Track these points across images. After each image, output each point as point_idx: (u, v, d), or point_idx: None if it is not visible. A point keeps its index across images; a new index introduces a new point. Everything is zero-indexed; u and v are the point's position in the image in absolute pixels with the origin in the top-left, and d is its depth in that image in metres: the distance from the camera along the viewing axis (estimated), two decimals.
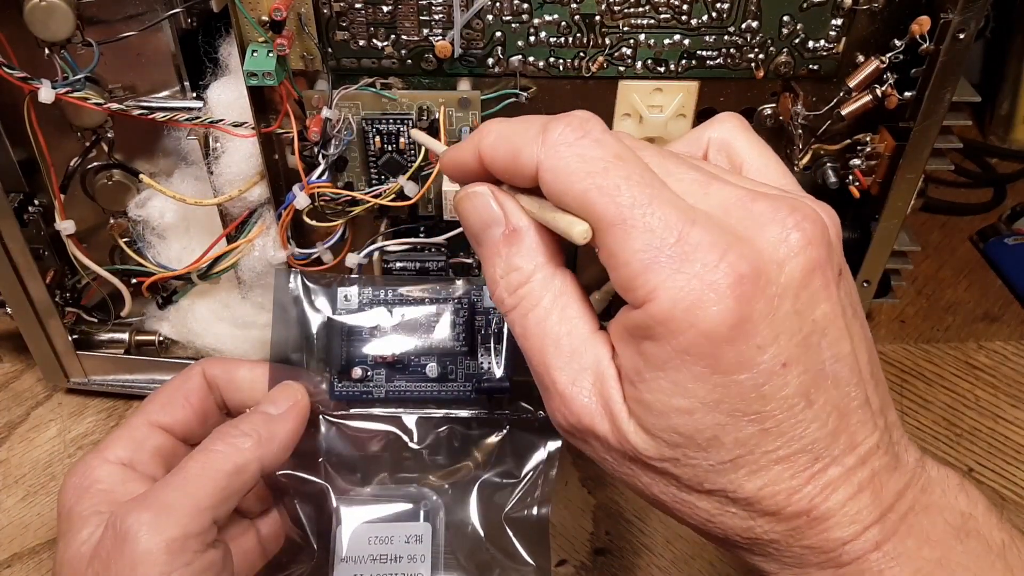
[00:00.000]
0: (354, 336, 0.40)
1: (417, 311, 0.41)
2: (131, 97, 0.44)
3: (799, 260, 0.25)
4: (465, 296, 0.41)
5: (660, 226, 0.25)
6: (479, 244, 0.30)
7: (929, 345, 0.60)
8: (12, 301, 0.50)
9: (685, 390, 0.25)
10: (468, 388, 0.41)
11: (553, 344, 0.28)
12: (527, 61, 0.42)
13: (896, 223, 0.45)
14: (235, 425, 0.37)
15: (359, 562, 0.39)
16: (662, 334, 0.25)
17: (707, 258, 0.25)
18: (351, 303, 0.41)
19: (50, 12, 0.40)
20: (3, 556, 0.47)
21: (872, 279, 0.48)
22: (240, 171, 0.44)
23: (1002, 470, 0.52)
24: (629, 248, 0.25)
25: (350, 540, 0.39)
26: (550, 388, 0.28)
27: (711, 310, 0.24)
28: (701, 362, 0.25)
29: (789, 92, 0.44)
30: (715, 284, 0.24)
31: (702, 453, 0.26)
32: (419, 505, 0.40)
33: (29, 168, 0.47)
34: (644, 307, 0.25)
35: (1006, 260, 0.67)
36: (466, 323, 0.41)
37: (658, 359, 0.25)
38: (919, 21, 0.39)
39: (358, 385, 0.41)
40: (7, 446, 0.53)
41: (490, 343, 0.41)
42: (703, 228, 0.25)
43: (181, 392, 0.40)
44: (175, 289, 0.52)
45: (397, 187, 0.44)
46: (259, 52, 0.39)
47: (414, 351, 0.41)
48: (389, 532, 0.39)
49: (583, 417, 0.28)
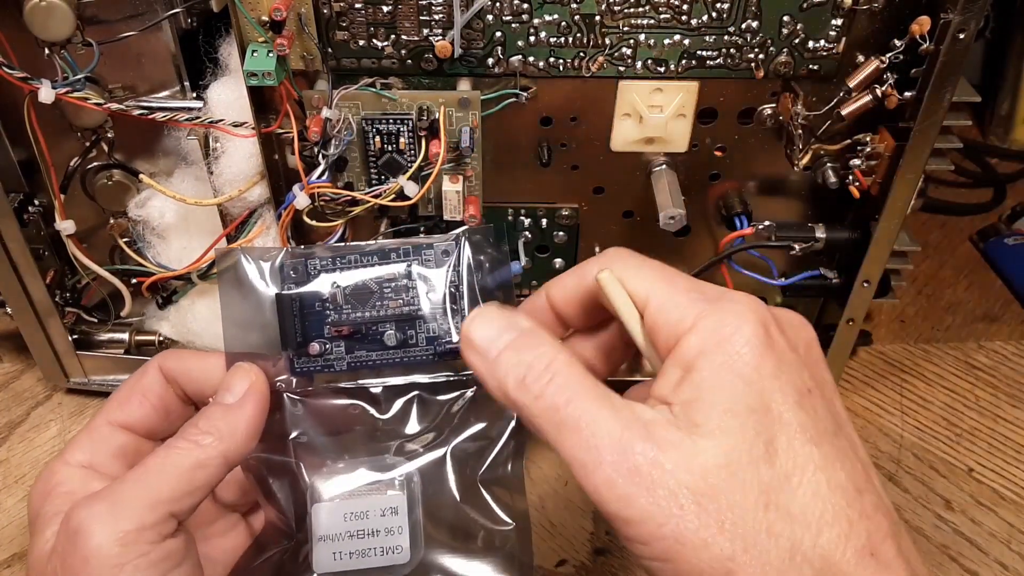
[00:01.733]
0: (306, 310, 0.39)
1: (369, 278, 0.39)
2: (131, 97, 0.44)
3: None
4: (416, 258, 0.39)
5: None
6: (486, 359, 0.33)
7: (929, 345, 0.60)
8: (12, 301, 0.50)
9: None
10: (430, 352, 0.39)
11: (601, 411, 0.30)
12: (527, 61, 0.42)
13: (896, 223, 0.45)
14: (195, 423, 0.36)
15: (337, 539, 0.38)
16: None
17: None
18: (299, 275, 0.39)
19: (50, 12, 0.40)
20: (3, 556, 0.47)
21: (872, 279, 0.48)
22: (240, 171, 0.44)
23: (1002, 470, 0.52)
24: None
25: (326, 518, 0.38)
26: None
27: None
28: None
29: (789, 92, 0.44)
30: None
31: None
32: (393, 476, 0.39)
33: (29, 168, 0.47)
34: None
35: (1006, 260, 0.67)
36: (420, 285, 0.39)
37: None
38: (919, 21, 0.39)
39: (318, 360, 0.39)
40: (7, 446, 0.53)
41: (445, 305, 0.39)
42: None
43: (137, 389, 0.39)
44: (175, 289, 0.52)
45: (397, 187, 0.44)
46: (259, 52, 0.39)
47: (370, 319, 0.39)
48: (364, 507, 0.39)
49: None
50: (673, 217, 0.45)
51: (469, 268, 0.39)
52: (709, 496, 0.28)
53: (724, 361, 0.29)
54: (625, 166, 0.47)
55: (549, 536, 0.48)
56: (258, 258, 0.40)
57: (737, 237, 0.48)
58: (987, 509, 0.49)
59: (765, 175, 0.48)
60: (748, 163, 0.47)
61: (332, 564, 0.38)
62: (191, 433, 0.35)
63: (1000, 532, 0.48)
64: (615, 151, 0.46)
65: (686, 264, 0.51)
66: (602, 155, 0.46)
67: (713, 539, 0.27)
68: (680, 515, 0.28)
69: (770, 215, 0.48)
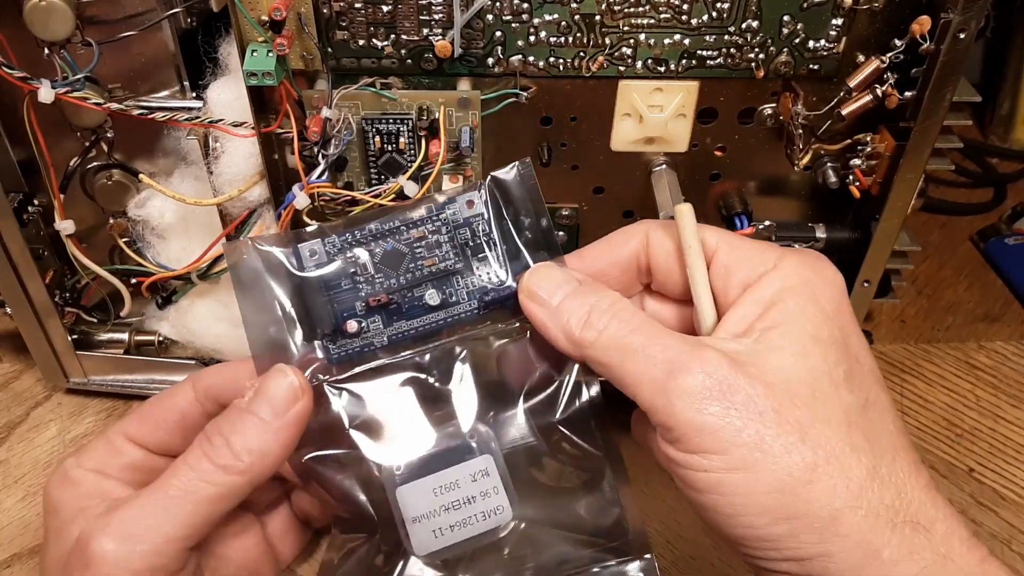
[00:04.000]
0: (334, 289, 0.37)
1: (395, 242, 0.37)
2: (131, 97, 0.44)
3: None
4: (439, 212, 0.38)
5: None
6: (548, 307, 0.34)
7: (929, 345, 0.60)
8: (12, 301, 0.50)
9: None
10: (474, 306, 0.37)
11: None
12: (527, 61, 0.42)
13: (896, 223, 0.45)
14: (225, 440, 0.33)
15: (433, 516, 0.36)
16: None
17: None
18: (319, 256, 0.37)
19: (50, 12, 0.40)
20: (3, 556, 0.47)
21: (872, 279, 0.48)
22: (240, 171, 0.44)
23: (1002, 470, 0.52)
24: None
25: (414, 498, 0.36)
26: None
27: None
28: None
29: (789, 92, 0.44)
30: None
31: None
32: (468, 440, 0.37)
33: (29, 168, 0.47)
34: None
35: (1006, 260, 0.67)
36: (451, 239, 0.38)
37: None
38: (919, 21, 0.39)
39: (356, 340, 0.37)
40: (7, 446, 0.53)
41: (484, 251, 0.38)
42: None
43: (160, 410, 0.38)
44: (175, 289, 0.52)
45: (397, 187, 0.44)
46: (259, 52, 0.39)
47: (408, 284, 0.37)
48: (452, 477, 0.36)
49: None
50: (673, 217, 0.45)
51: (498, 214, 0.38)
52: (791, 406, 0.28)
53: (810, 295, 0.30)
54: (625, 166, 0.47)
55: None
56: (270, 244, 0.37)
57: None
58: (988, 509, 0.49)
59: (765, 175, 0.48)
60: (748, 163, 0.47)
61: (434, 542, 0.36)
62: (221, 454, 0.33)
63: (1001, 532, 0.48)
64: (615, 151, 0.46)
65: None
66: (602, 155, 0.46)
67: (795, 447, 0.27)
68: (760, 421, 0.28)
69: (770, 215, 0.48)
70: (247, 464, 0.33)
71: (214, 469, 0.33)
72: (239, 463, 0.33)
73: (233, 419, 0.34)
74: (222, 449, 0.33)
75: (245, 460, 0.33)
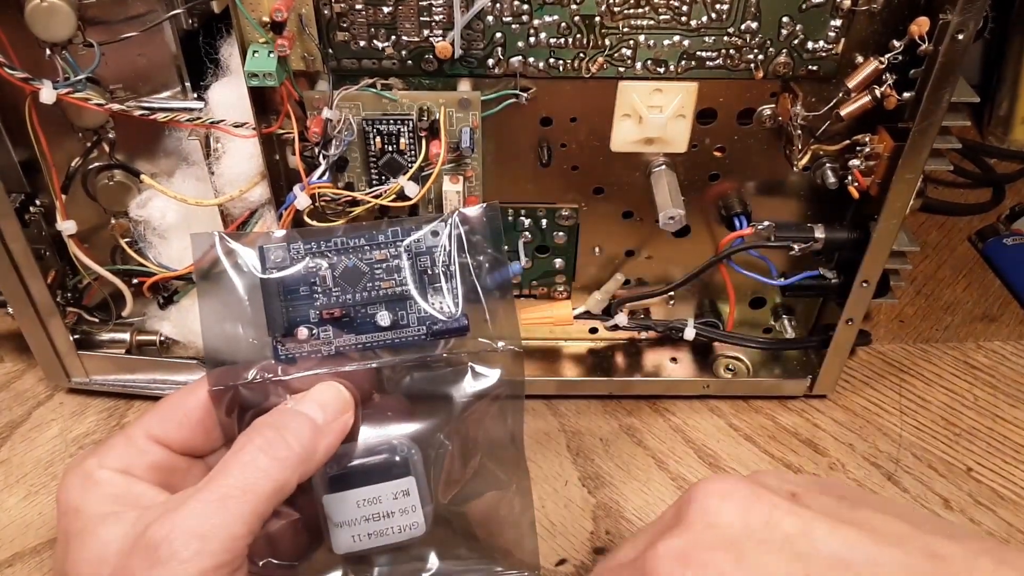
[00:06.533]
0: (292, 295, 0.38)
1: (360, 260, 0.38)
2: (132, 97, 0.44)
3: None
4: (405, 237, 0.39)
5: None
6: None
7: (928, 345, 0.60)
8: (14, 301, 0.50)
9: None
10: (422, 332, 0.39)
11: None
12: (527, 62, 0.42)
13: (895, 223, 0.45)
14: (280, 433, 0.34)
15: (353, 524, 0.38)
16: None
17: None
18: (281, 260, 0.38)
19: (51, 13, 0.40)
20: (5, 555, 0.47)
21: (871, 279, 0.48)
22: (241, 171, 0.45)
23: (1001, 469, 0.52)
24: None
25: (338, 506, 0.38)
26: None
27: None
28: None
29: (788, 93, 0.44)
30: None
31: None
32: (394, 458, 0.39)
33: (30, 168, 0.47)
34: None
35: (1005, 260, 0.67)
36: (411, 265, 0.39)
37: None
38: (918, 22, 0.40)
39: (304, 346, 0.38)
40: (8, 446, 0.53)
41: (439, 282, 0.39)
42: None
43: (181, 408, 0.38)
44: (176, 289, 0.52)
45: (397, 187, 0.44)
46: (260, 53, 0.39)
47: (361, 301, 0.38)
48: (376, 493, 0.38)
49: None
50: (673, 217, 0.45)
51: (459, 247, 0.39)
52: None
53: None
54: (625, 166, 0.47)
55: (549, 536, 0.48)
56: (237, 240, 0.38)
57: (736, 237, 0.48)
58: (986, 508, 0.50)
59: (764, 175, 0.48)
60: (747, 163, 0.47)
61: (352, 545, 0.38)
62: (277, 448, 0.34)
63: (999, 531, 0.48)
64: (615, 151, 0.46)
65: (686, 264, 0.51)
66: (602, 155, 0.46)
67: None
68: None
69: (769, 215, 0.48)
70: (298, 457, 0.34)
71: (270, 463, 0.33)
72: (292, 454, 0.34)
73: (285, 418, 0.35)
74: (278, 443, 0.34)
75: (297, 452, 0.34)
